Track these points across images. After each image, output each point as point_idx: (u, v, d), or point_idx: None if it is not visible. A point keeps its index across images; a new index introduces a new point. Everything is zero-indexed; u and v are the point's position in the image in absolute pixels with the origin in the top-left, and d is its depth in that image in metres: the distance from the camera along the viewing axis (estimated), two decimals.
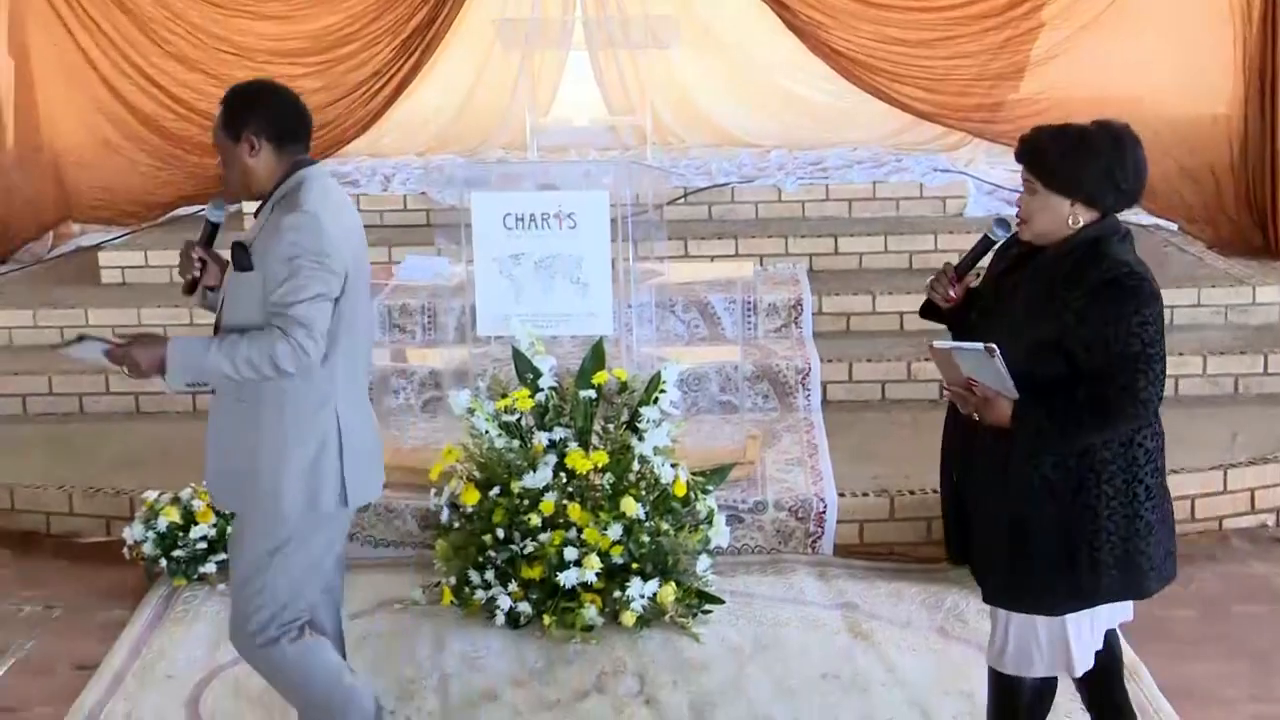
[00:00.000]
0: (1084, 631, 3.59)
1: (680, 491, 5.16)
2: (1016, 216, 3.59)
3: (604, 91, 9.42)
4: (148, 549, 5.41)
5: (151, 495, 5.54)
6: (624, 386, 5.28)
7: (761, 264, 7.58)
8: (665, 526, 5.10)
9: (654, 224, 6.22)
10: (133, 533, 5.47)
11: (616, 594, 4.97)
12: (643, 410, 5.18)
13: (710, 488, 5.31)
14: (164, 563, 5.40)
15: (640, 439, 5.16)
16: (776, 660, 4.78)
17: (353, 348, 3.78)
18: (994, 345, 3.40)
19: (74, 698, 4.61)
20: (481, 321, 5.84)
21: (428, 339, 7.06)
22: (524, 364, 5.31)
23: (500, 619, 4.99)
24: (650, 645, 4.89)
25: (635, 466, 5.14)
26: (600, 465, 5.10)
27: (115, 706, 4.55)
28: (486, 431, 5.22)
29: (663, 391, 5.20)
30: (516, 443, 5.21)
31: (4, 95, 8.65)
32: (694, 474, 5.27)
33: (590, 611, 4.94)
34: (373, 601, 5.24)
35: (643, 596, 4.96)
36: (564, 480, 5.11)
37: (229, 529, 5.39)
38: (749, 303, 6.95)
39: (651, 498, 5.13)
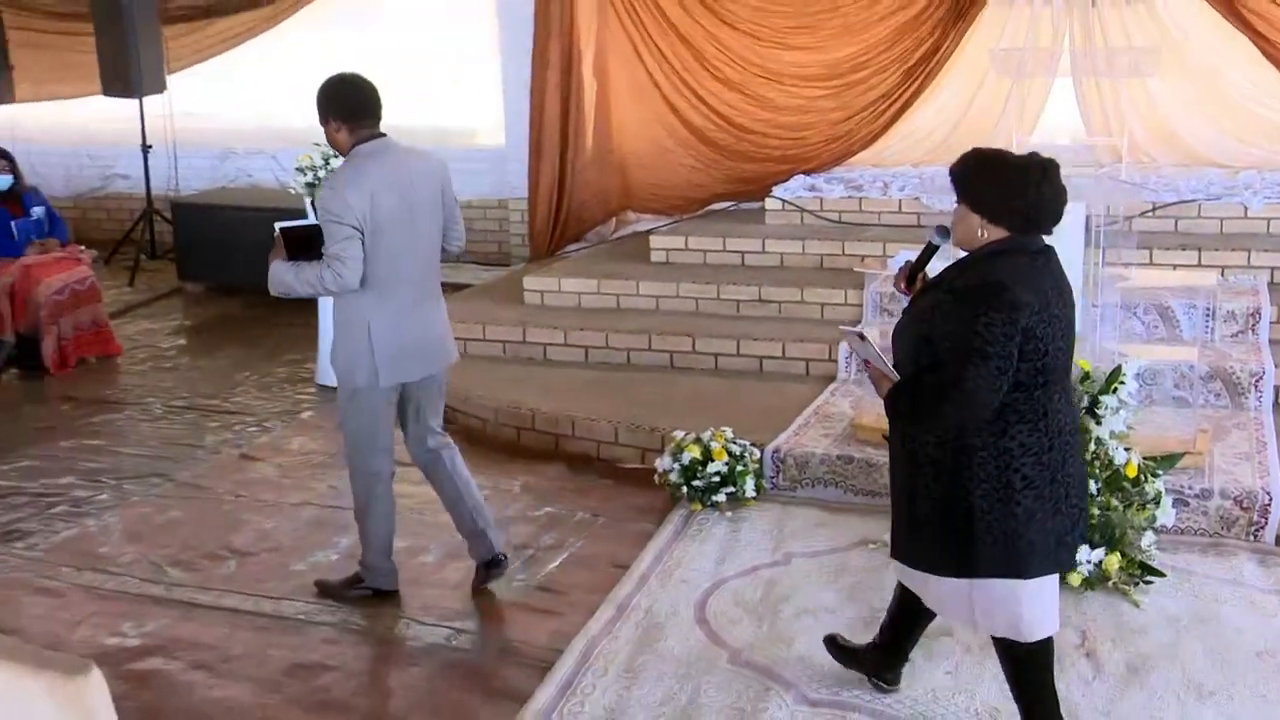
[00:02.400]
0: (1035, 596, 3.48)
1: (1131, 473, 4.84)
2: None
3: (1084, 114, 8.91)
4: (673, 477, 5.61)
5: (679, 434, 5.73)
6: (1086, 376, 4.99)
7: (1223, 274, 6.98)
8: (1115, 503, 4.80)
9: (1124, 234, 5.86)
10: (662, 463, 5.68)
11: None
12: (1102, 398, 4.88)
13: (1160, 472, 4.95)
14: (685, 490, 5.58)
15: (1098, 423, 4.87)
16: (1212, 633, 4.41)
17: (383, 274, 4.45)
18: (861, 331, 3.57)
19: (609, 589, 4.83)
20: None
21: None
22: None
23: None
24: (1093, 605, 4.63)
25: (1092, 447, 4.86)
26: None
27: (639, 600, 4.75)
28: None
29: (1121, 383, 4.88)
30: None
31: (588, 108, 9.13)
32: (1145, 459, 4.93)
33: None
34: (851, 539, 5.23)
35: (1089, 562, 4.69)
36: None
37: (738, 466, 5.56)
38: (1208, 309, 6.41)
39: (1105, 476, 4.84)
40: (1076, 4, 8.28)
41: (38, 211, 8.11)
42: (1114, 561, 4.69)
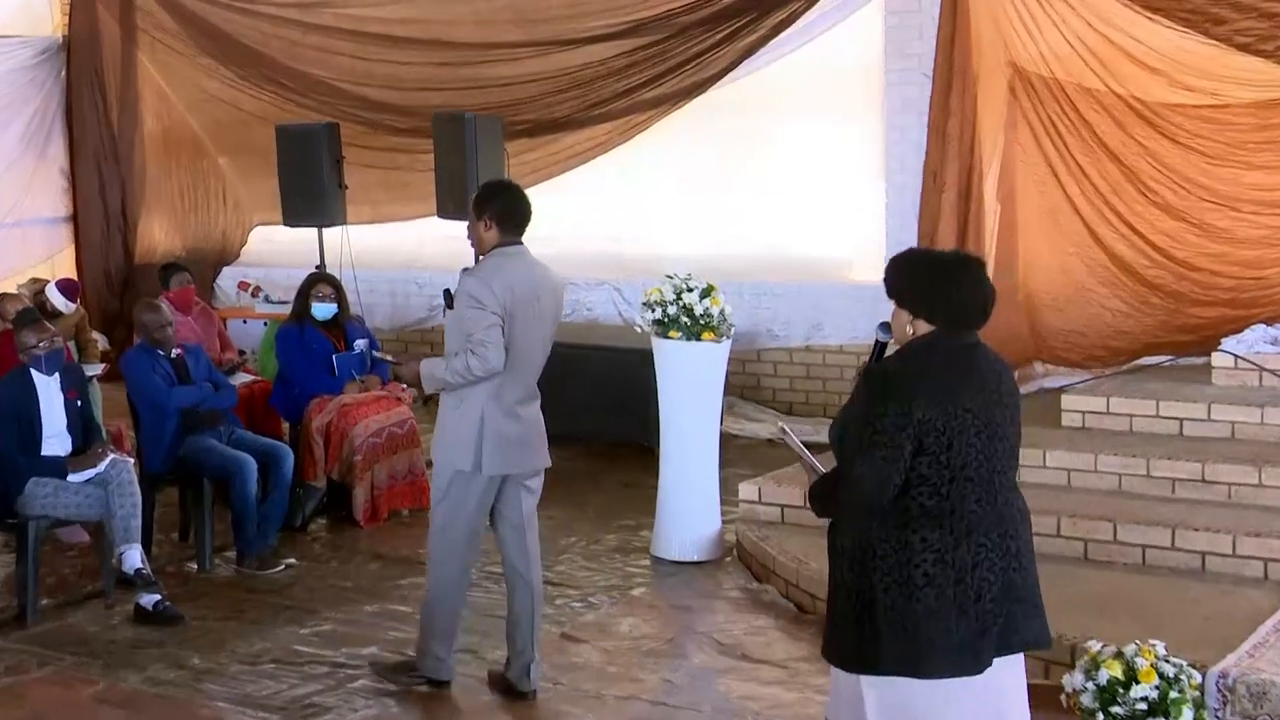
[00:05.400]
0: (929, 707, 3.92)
1: None
2: None
3: None
4: (1086, 700, 5.28)
5: (1094, 645, 5.44)
6: None
7: None
8: None
9: None
10: (1072, 681, 5.37)
11: None
12: None
13: None
14: (1101, 716, 5.27)
15: None
16: None
17: (505, 367, 5.40)
18: (784, 428, 4.47)
19: None
20: None
21: None
22: None
23: None
24: None
25: None
26: None
27: None
28: None
29: None
30: None
31: (988, 236, 9.05)
32: None
33: None
34: None
35: None
36: None
37: (1171, 693, 5.21)
38: None
39: None
40: None
41: (360, 344, 8.70)
42: None
